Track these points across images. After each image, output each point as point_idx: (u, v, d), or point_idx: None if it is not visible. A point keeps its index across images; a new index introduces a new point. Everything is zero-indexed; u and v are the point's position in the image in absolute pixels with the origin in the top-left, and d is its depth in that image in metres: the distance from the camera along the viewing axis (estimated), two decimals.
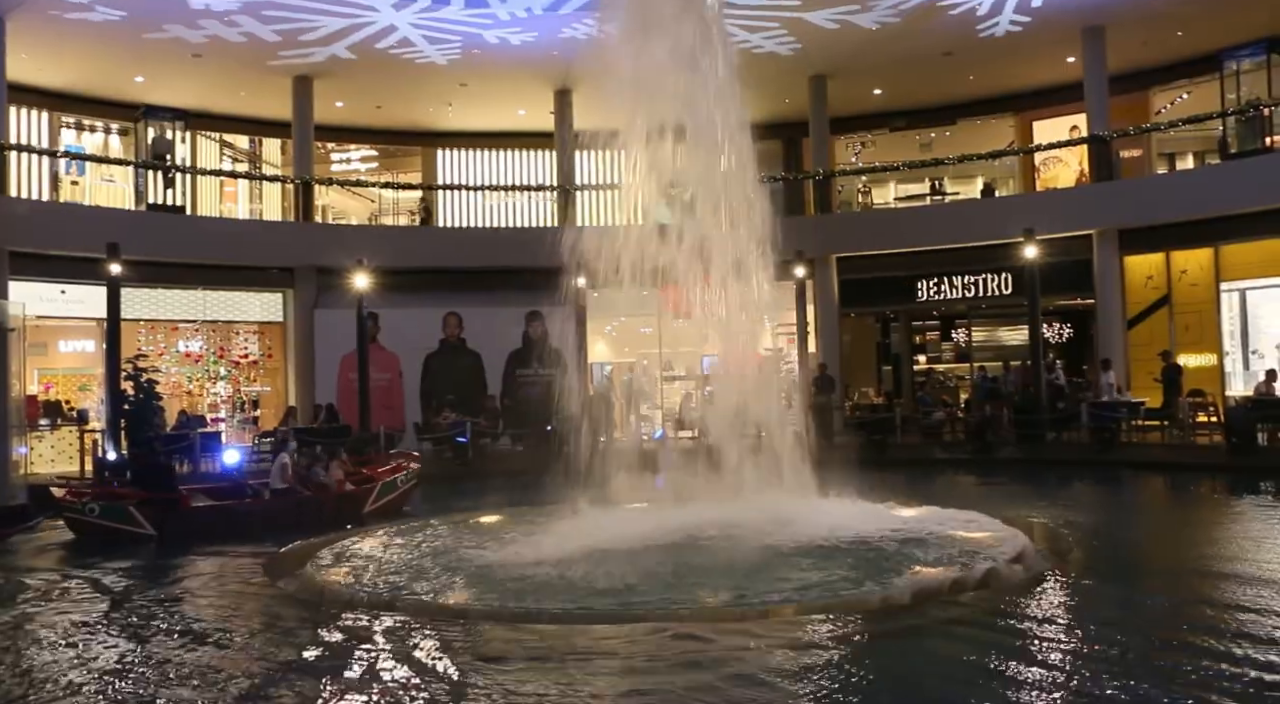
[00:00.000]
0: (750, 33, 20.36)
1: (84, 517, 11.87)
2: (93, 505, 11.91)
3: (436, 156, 27.20)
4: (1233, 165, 19.55)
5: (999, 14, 19.77)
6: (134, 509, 11.82)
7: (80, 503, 12.02)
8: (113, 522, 11.75)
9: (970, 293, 22.79)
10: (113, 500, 12.10)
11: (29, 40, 19.17)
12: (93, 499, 12.13)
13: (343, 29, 19.77)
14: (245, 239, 21.77)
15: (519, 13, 19.33)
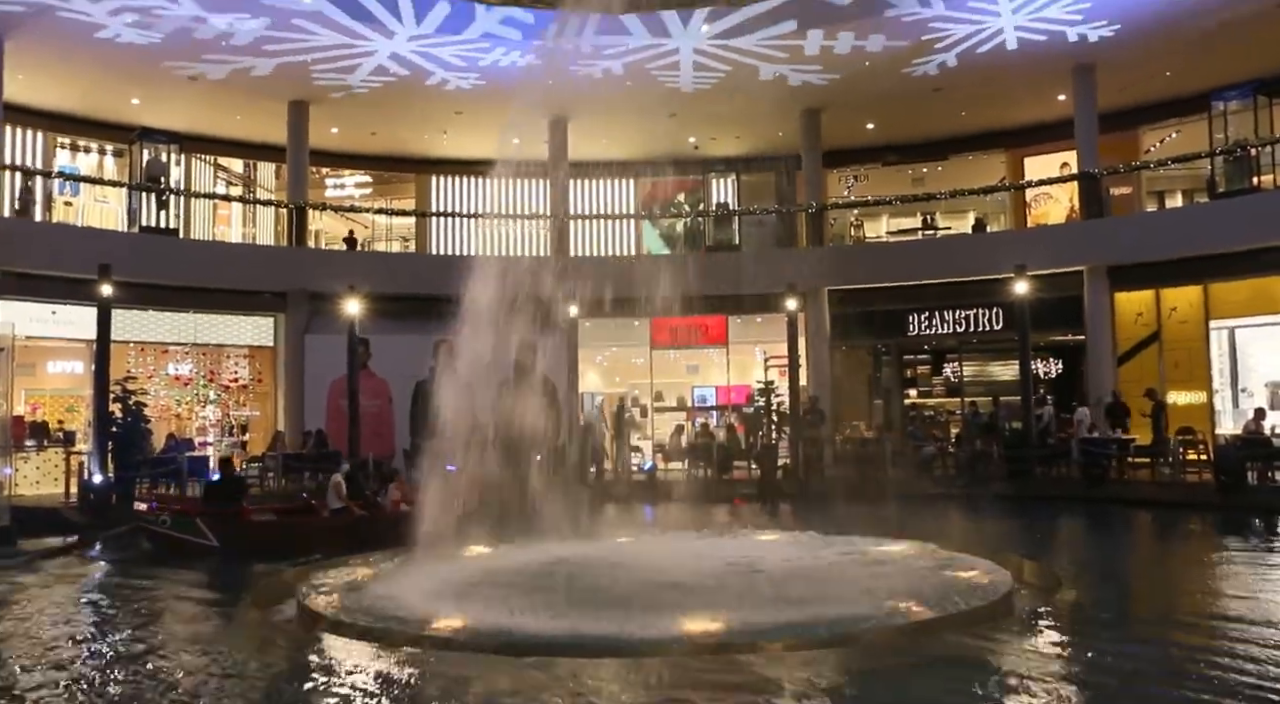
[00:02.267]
0: (760, 61, 20.49)
1: (157, 527, 12.88)
2: (165, 518, 12.90)
3: (430, 183, 27.31)
4: (1221, 204, 19.73)
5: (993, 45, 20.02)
6: (200, 521, 12.63)
7: (155, 515, 13.05)
8: (181, 532, 12.65)
9: (961, 327, 22.88)
10: (183, 513, 13.01)
11: (27, 61, 19.23)
12: (165, 512, 13.09)
13: (339, 56, 19.88)
14: (238, 263, 21.75)
15: (515, 42, 19.46)
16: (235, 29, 18.46)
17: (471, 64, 20.45)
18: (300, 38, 18.97)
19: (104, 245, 18.94)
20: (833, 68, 20.85)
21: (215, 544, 12.46)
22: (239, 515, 13.06)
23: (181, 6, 17.52)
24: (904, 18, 18.63)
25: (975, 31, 19.12)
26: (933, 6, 18.18)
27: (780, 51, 20.06)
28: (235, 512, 13.08)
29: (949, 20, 18.72)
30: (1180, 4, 17.99)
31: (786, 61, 20.54)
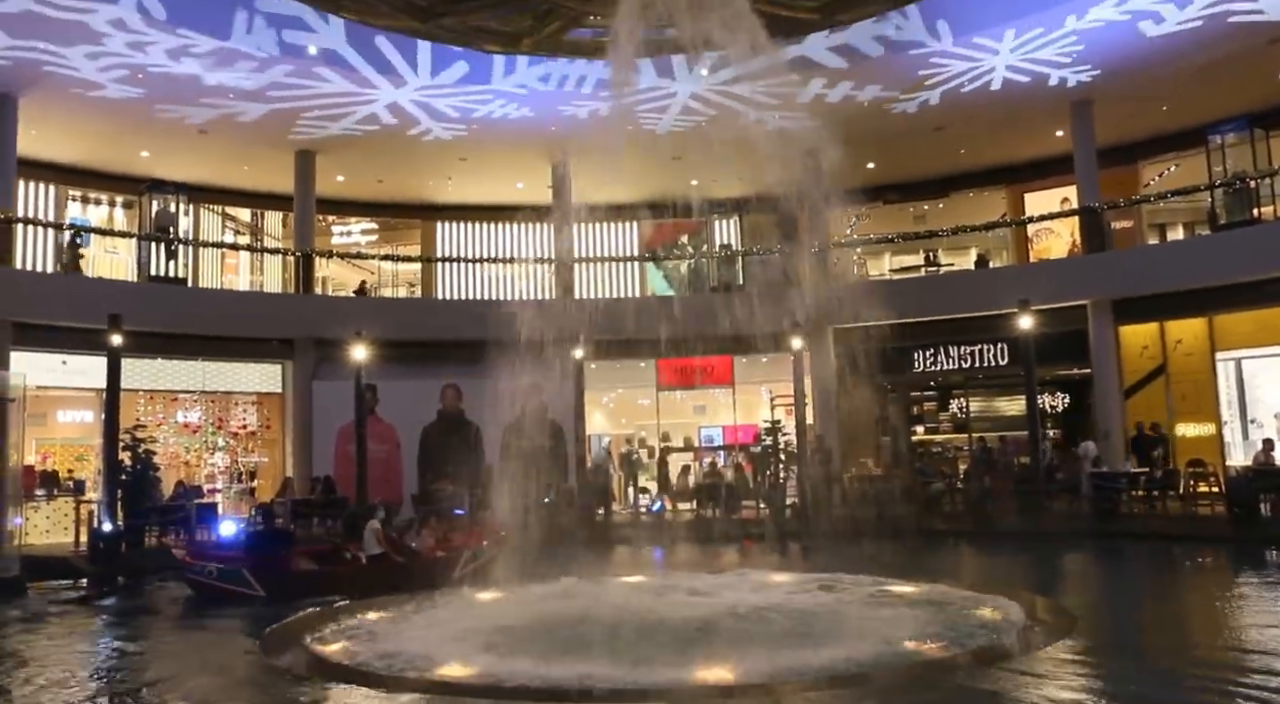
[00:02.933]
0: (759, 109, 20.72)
1: (204, 578, 13.02)
2: (211, 568, 13.01)
3: (436, 229, 27.56)
4: (1223, 236, 19.81)
5: (990, 86, 20.25)
6: (246, 571, 12.73)
7: (201, 566, 13.20)
8: (227, 583, 12.80)
9: (967, 363, 22.91)
10: (229, 563, 13.06)
11: (39, 117, 19.55)
12: (211, 563, 13.22)
13: (345, 106, 20.16)
14: (245, 311, 21.89)
15: (518, 89, 19.73)
16: (243, 82, 18.73)
17: (474, 111, 20.69)
18: (307, 88, 19.24)
19: (114, 295, 19.10)
20: (833, 112, 21.07)
21: (261, 594, 12.54)
22: (283, 565, 13.21)
23: (185, 64, 17.79)
24: (903, 59, 18.85)
25: (970, 68, 19.31)
26: (940, 41, 18.36)
27: (780, 97, 20.27)
28: (280, 561, 13.26)
29: (947, 57, 18.91)
30: (1171, 43, 18.18)
31: (786, 107, 20.74)
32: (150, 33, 16.64)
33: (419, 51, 18.76)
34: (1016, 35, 18.05)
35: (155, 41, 16.97)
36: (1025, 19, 17.56)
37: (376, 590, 12.03)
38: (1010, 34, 18.00)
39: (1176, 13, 17.18)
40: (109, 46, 17.01)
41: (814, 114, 21.19)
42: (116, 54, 17.32)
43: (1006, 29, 17.84)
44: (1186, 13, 17.16)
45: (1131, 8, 17.10)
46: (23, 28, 16.23)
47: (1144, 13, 17.24)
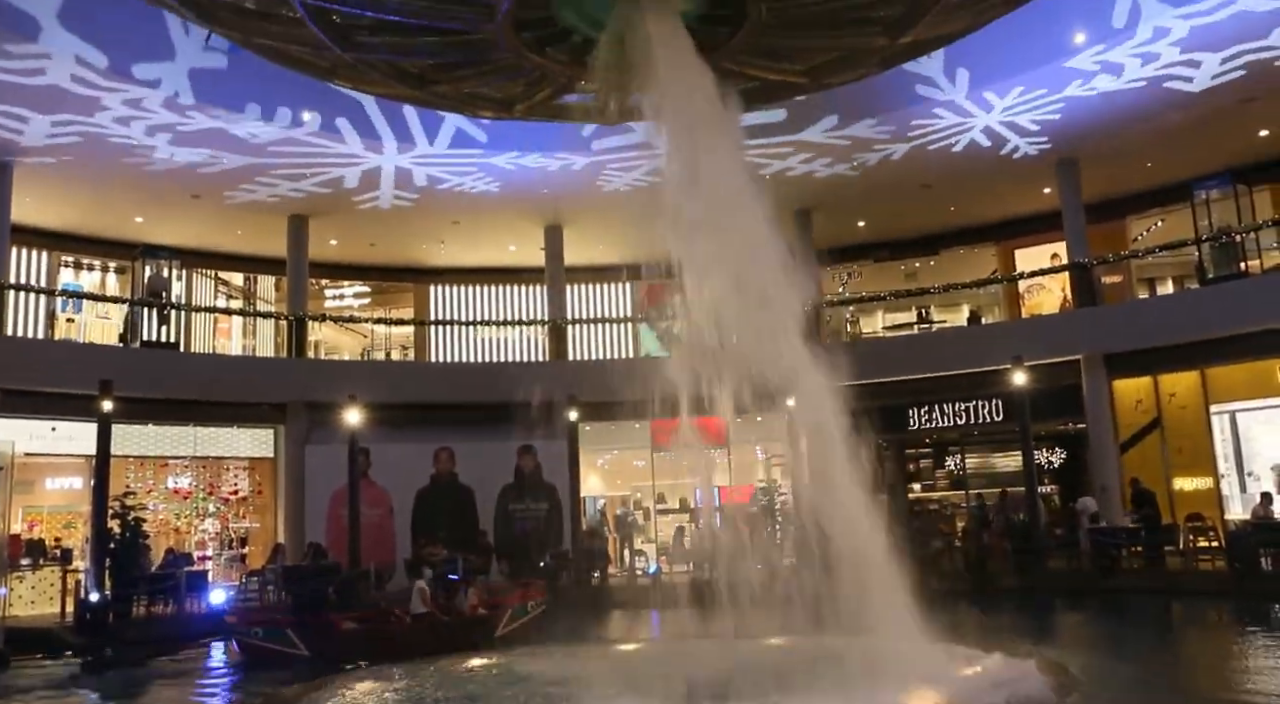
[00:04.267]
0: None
1: (250, 639, 13.22)
2: (257, 629, 13.27)
3: (429, 292, 27.64)
4: (1213, 290, 19.91)
5: (982, 145, 20.49)
6: (291, 632, 12.96)
7: (247, 627, 13.44)
8: (273, 643, 13.00)
9: (962, 420, 22.86)
10: (274, 625, 13.35)
11: (33, 184, 19.64)
12: (257, 624, 13.49)
13: (339, 171, 20.31)
14: (237, 375, 21.81)
15: (510, 153, 19.92)
16: (237, 148, 18.87)
17: (467, 175, 20.86)
18: (301, 153, 19.39)
19: (105, 361, 19.03)
20: (825, 167, 21.31)
21: (306, 654, 12.75)
22: (328, 625, 13.39)
23: (182, 131, 17.94)
24: (891, 118, 19.09)
25: (956, 124, 19.52)
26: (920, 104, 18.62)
27: (772, 156, 20.50)
28: (324, 622, 13.47)
29: (940, 111, 19.11)
30: (1150, 103, 18.47)
31: (779, 160, 20.98)
32: (159, 111, 16.83)
33: (412, 117, 18.98)
34: (1000, 95, 18.32)
35: (154, 112, 17.12)
36: (1009, 80, 17.83)
37: (420, 650, 12.24)
38: (992, 94, 18.28)
39: (1153, 72, 17.47)
40: (106, 116, 17.14)
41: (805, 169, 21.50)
42: (113, 123, 17.45)
43: (989, 89, 18.11)
44: (1161, 73, 17.44)
45: (1109, 70, 17.39)
46: (15, 96, 16.35)
47: (1118, 70, 17.53)
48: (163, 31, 16.09)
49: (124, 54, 15.96)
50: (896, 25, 7.18)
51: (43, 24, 14.80)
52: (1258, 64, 17.02)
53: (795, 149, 20.27)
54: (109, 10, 15.12)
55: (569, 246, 24.42)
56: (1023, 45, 16.97)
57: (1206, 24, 15.68)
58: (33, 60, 15.25)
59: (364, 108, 18.51)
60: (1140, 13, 15.77)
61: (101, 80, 15.96)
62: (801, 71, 8.12)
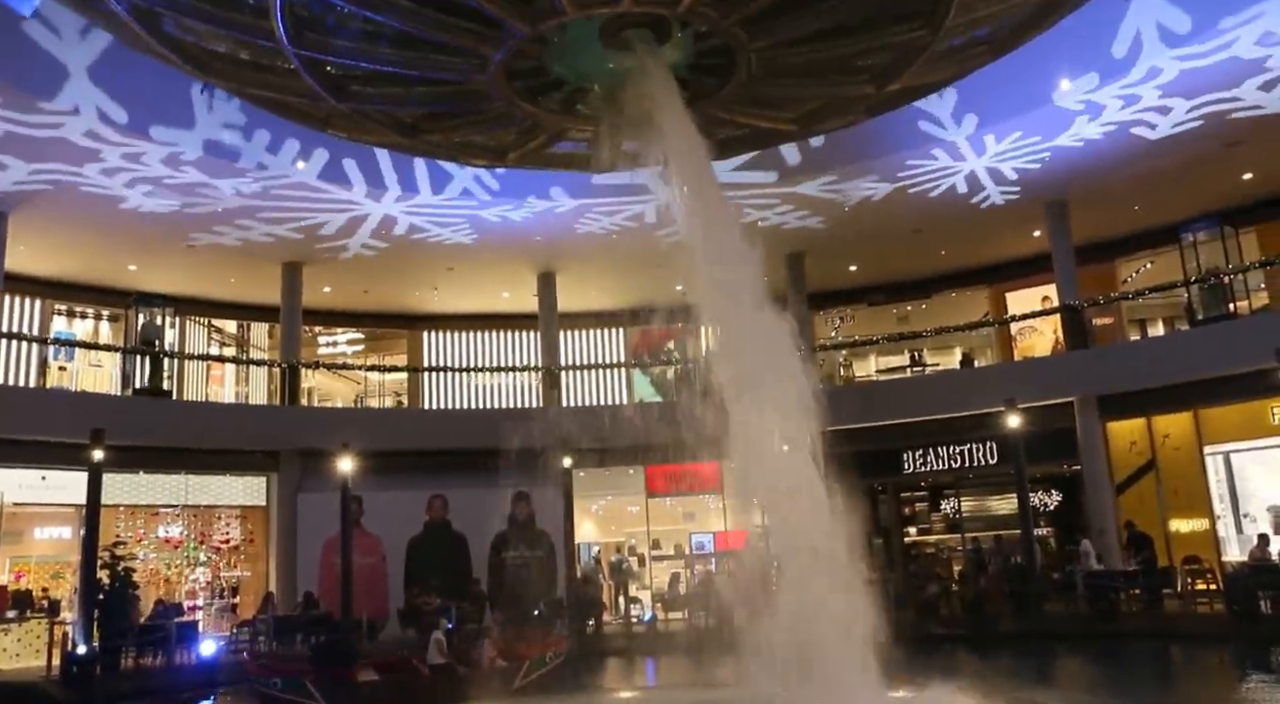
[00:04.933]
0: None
1: (268, 690, 13.13)
2: (276, 680, 13.13)
3: (423, 338, 27.67)
4: (1203, 331, 20.00)
5: (970, 190, 20.67)
6: (309, 683, 12.86)
7: (266, 678, 13.33)
8: (292, 694, 12.88)
9: (957, 463, 22.84)
10: (293, 676, 13.20)
11: (29, 233, 19.66)
12: (276, 674, 13.36)
13: (332, 220, 20.40)
14: (230, 423, 21.72)
15: (503, 200, 20.06)
16: (231, 197, 18.97)
17: (460, 223, 20.97)
18: (295, 202, 19.49)
19: (97, 410, 18.95)
20: (816, 214, 21.46)
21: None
22: (347, 677, 13.30)
23: (174, 181, 18.04)
24: (882, 164, 19.29)
25: (945, 168, 19.68)
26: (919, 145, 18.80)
27: (764, 201, 20.66)
28: (343, 673, 13.36)
29: (928, 158, 19.30)
30: (1136, 147, 18.68)
31: (771, 208, 21.14)
32: (143, 145, 16.89)
33: (406, 165, 19.12)
34: (999, 139, 18.51)
35: (149, 159, 17.21)
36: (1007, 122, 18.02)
37: (439, 701, 12.27)
38: (991, 137, 18.47)
39: (1140, 117, 17.70)
40: (101, 165, 17.24)
41: (796, 213, 21.66)
42: (108, 172, 17.54)
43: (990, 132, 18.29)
44: (1147, 117, 17.68)
45: (1096, 114, 17.62)
46: (14, 148, 16.45)
47: (1105, 114, 17.75)
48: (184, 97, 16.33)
49: (144, 113, 16.22)
50: (883, 74, 7.28)
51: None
52: (1242, 109, 17.26)
53: (786, 195, 20.45)
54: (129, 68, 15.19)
55: (562, 292, 24.51)
56: (1016, 89, 17.17)
57: (1198, 68, 15.88)
58: (45, 116, 15.44)
59: (359, 155, 18.65)
60: (1133, 58, 15.94)
61: (115, 135, 16.14)
62: (790, 119, 8.22)
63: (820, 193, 20.43)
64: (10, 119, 15.56)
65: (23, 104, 15.19)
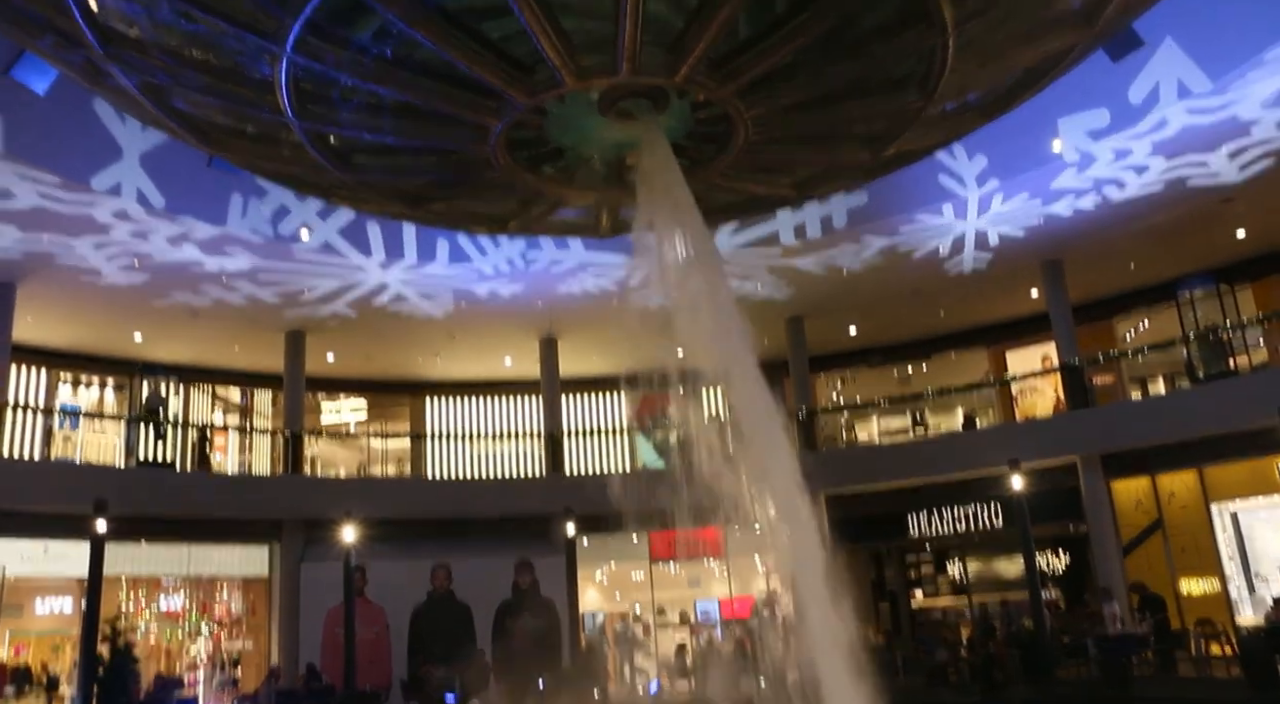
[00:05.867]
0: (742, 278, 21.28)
1: None
2: None
3: (425, 405, 27.69)
4: (1205, 389, 20.00)
5: (960, 253, 20.85)
6: None
7: None
8: None
9: (962, 525, 22.69)
10: None
11: (36, 304, 19.83)
12: None
13: (335, 288, 20.58)
14: (233, 493, 21.67)
15: (503, 267, 20.26)
16: (237, 266, 19.18)
17: (463, 290, 21.15)
18: (299, 270, 19.69)
19: (100, 480, 18.93)
20: (815, 277, 21.64)
21: None
22: None
23: (182, 251, 18.26)
24: (880, 228, 19.50)
25: (944, 226, 19.88)
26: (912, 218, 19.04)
27: (764, 267, 20.85)
28: None
29: (923, 226, 19.55)
30: (1130, 206, 18.91)
31: (769, 275, 21.33)
32: (150, 221, 17.12)
33: (408, 234, 19.37)
34: (1008, 197, 18.74)
35: (154, 230, 17.44)
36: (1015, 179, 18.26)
37: None
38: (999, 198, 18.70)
39: (1135, 177, 17.95)
40: (110, 236, 17.46)
41: (796, 277, 21.83)
42: (116, 243, 17.76)
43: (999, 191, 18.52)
44: (1144, 178, 17.93)
45: (1093, 175, 17.87)
46: (27, 220, 16.67)
47: (1104, 180, 18.00)
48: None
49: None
50: (878, 139, 7.42)
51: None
52: (1241, 164, 17.52)
53: (785, 262, 20.65)
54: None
55: (564, 358, 24.61)
56: (1019, 147, 17.44)
57: (1199, 124, 16.13)
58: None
59: (363, 225, 18.90)
60: (1136, 113, 16.22)
61: (143, 215, 16.54)
62: (788, 184, 8.35)
63: (820, 259, 20.62)
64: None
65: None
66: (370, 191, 7.69)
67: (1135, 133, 16.50)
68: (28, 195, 15.83)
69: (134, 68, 6.18)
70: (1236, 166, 17.60)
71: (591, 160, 7.32)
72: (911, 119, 7.03)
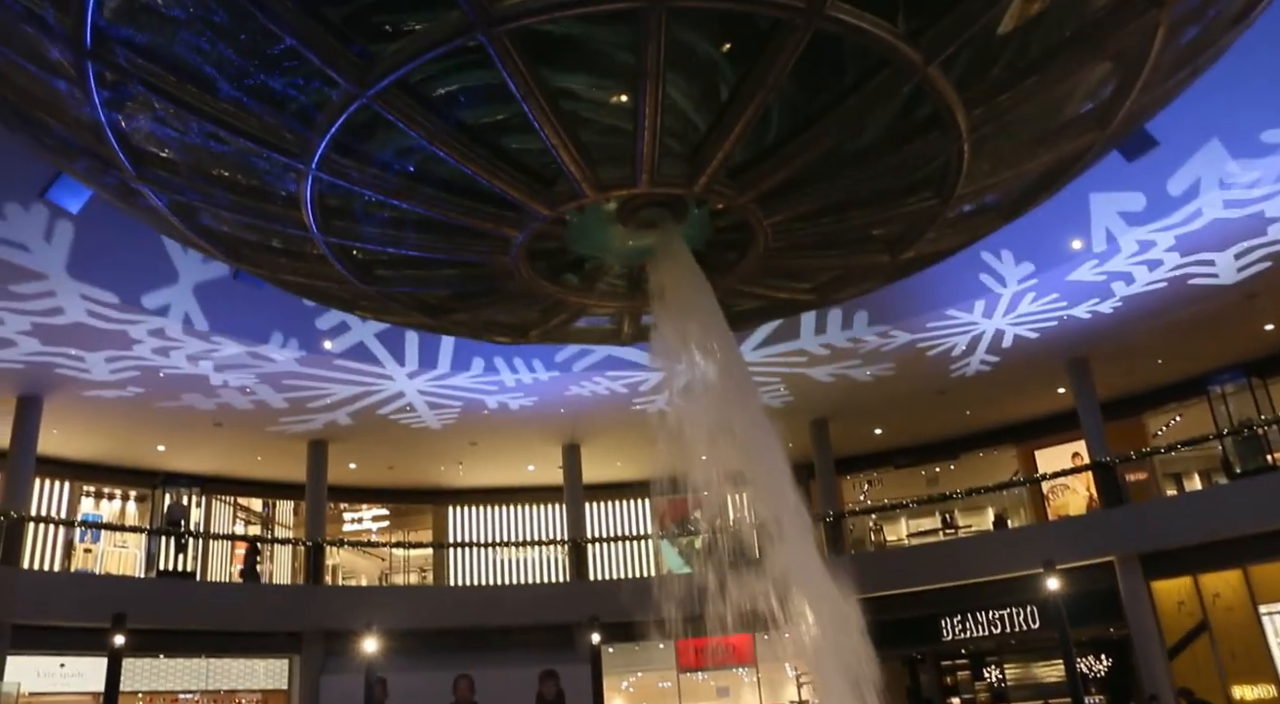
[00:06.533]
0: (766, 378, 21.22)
1: None
2: None
3: (448, 513, 27.50)
4: (1243, 484, 19.54)
5: (974, 353, 20.74)
6: None
7: None
8: None
9: (997, 629, 22.03)
10: None
11: (62, 417, 20.01)
12: None
13: (356, 395, 20.66)
14: (253, 604, 21.40)
15: (525, 377, 20.31)
16: (261, 378, 19.32)
17: (485, 397, 21.19)
18: (322, 380, 19.81)
19: (119, 593, 18.78)
20: (838, 383, 21.55)
21: None
22: None
23: (209, 363, 18.42)
24: (906, 327, 19.48)
25: (968, 326, 19.84)
26: (932, 317, 19.02)
27: (786, 369, 20.81)
28: None
29: (945, 328, 19.52)
30: (1155, 302, 18.84)
31: (790, 384, 21.26)
32: (185, 339, 17.33)
33: (431, 344, 19.50)
34: (1040, 296, 18.67)
35: (184, 345, 17.63)
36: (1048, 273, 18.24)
37: None
38: (1031, 296, 18.65)
39: (1148, 274, 17.92)
40: (138, 351, 17.66)
41: (819, 380, 21.73)
42: (143, 356, 17.95)
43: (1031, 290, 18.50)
44: (1157, 274, 17.89)
45: (1108, 269, 17.86)
46: (62, 335, 16.88)
47: (1120, 274, 17.97)
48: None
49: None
50: (897, 243, 7.43)
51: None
52: (1262, 260, 17.49)
53: (810, 364, 20.61)
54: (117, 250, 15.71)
55: (587, 464, 24.47)
56: (1043, 246, 17.44)
57: (1225, 218, 16.15)
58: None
59: (387, 336, 19.06)
60: (1154, 213, 16.29)
61: (181, 334, 16.77)
62: (808, 289, 8.34)
63: (843, 360, 20.58)
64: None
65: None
66: (393, 303, 7.73)
67: (1164, 225, 16.48)
68: (76, 312, 16.10)
69: (164, 187, 6.30)
70: (1235, 267, 17.59)
71: (612, 269, 7.35)
72: (930, 222, 7.04)
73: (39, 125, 6.15)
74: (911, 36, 4.90)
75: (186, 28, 5.06)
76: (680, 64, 5.65)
